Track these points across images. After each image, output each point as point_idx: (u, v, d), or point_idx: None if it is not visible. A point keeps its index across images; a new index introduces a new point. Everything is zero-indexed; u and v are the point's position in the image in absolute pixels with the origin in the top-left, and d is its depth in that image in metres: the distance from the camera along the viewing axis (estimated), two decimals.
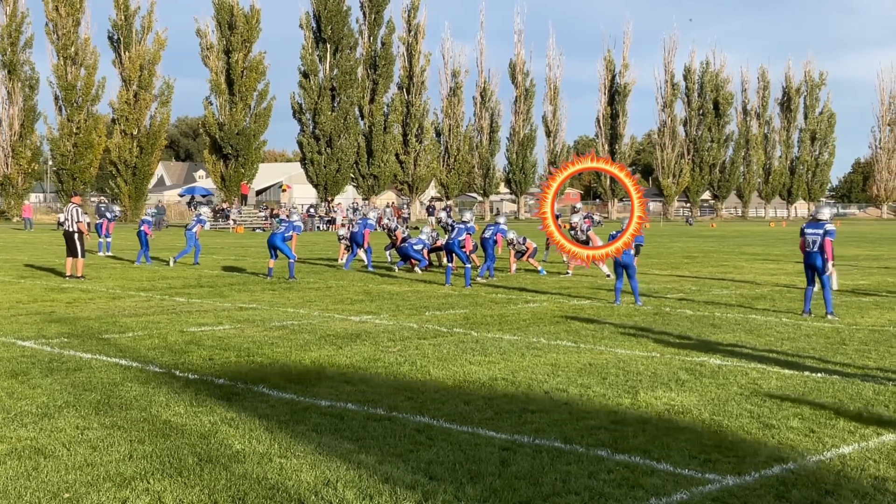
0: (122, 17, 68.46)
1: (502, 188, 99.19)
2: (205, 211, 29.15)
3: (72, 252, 21.76)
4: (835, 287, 18.58)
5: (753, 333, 13.29)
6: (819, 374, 10.12)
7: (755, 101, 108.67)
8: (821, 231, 15.18)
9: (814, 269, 15.27)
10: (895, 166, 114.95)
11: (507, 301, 17.44)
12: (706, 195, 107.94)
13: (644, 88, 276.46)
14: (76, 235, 21.67)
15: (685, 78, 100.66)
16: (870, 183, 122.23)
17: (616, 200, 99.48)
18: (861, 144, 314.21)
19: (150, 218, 27.94)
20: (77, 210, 22.12)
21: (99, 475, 6.35)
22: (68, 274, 21.76)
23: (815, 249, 15.16)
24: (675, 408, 8.46)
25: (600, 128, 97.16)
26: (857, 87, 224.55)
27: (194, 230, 26.69)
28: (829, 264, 15.13)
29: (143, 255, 26.96)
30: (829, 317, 14.89)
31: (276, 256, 22.48)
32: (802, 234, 15.46)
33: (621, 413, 8.27)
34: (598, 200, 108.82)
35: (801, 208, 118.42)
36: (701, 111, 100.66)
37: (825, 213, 15.70)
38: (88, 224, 22.60)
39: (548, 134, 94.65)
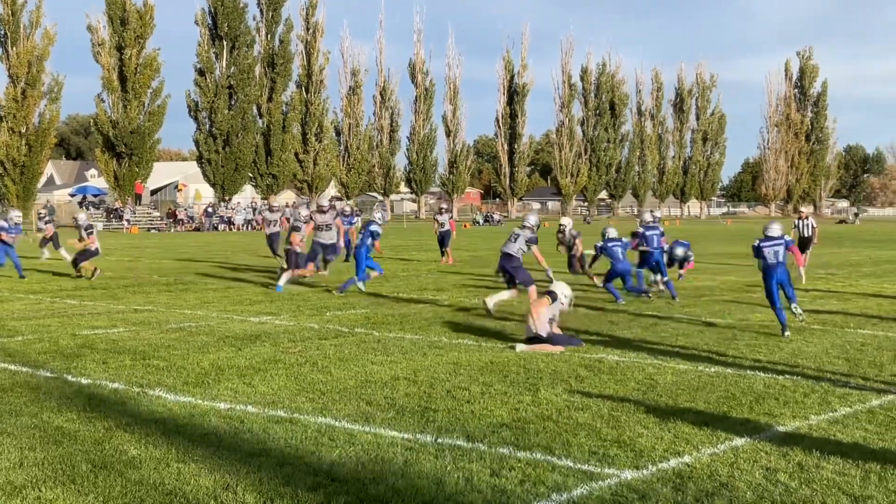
0: (9, 12, 66.10)
1: (402, 188, 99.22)
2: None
3: None
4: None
5: (650, 330, 13.56)
6: (713, 369, 10.38)
7: (649, 103, 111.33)
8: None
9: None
10: (782, 166, 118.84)
11: (409, 300, 17.44)
12: (603, 194, 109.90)
13: (542, 89, 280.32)
14: None
15: (582, 79, 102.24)
16: (759, 182, 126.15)
17: (515, 200, 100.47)
18: (750, 145, 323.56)
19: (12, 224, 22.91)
20: None
21: None
22: None
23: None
24: (575, 404, 8.57)
25: (500, 127, 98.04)
26: (747, 90, 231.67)
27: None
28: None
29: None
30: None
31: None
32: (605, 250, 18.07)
33: (523, 410, 8.34)
34: (497, 200, 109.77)
35: (694, 207, 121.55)
36: (597, 111, 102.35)
37: (526, 222, 15.91)
38: None
39: (448, 133, 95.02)
